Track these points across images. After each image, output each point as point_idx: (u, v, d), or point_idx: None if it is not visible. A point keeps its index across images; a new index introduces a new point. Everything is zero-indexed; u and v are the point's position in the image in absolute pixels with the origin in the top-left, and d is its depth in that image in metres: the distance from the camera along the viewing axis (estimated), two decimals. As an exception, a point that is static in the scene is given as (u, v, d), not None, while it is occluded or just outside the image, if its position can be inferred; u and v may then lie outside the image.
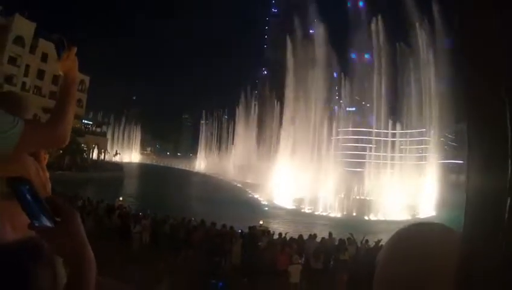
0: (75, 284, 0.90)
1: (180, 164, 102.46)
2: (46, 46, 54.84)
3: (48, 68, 57.17)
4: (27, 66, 55.86)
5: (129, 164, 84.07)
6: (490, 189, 0.62)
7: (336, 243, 13.88)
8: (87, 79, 62.93)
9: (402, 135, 55.96)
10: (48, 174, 2.07)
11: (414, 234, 1.04)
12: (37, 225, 0.92)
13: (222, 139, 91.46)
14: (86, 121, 67.59)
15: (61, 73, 1.83)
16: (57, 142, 1.73)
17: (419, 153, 52.70)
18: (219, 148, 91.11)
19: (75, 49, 1.84)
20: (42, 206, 0.92)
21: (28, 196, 0.91)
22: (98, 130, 71.73)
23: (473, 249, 0.66)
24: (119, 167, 63.66)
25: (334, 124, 54.27)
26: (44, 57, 56.70)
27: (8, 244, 1.14)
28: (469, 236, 0.68)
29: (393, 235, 1.06)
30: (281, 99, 59.95)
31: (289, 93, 56.08)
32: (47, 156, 2.15)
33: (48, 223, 0.91)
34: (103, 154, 69.10)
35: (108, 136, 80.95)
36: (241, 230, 14.68)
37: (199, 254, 11.37)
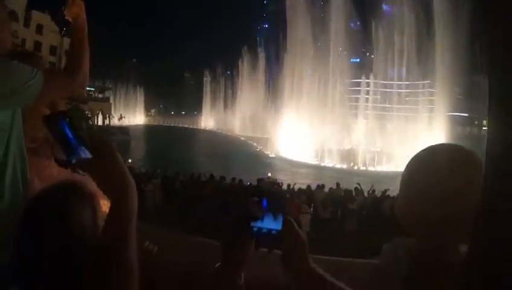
0: (119, 212, 0.91)
1: (186, 123, 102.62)
2: (39, 17, 53.53)
3: (44, 39, 55.96)
4: (23, 40, 53.81)
5: (135, 126, 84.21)
6: (507, 131, 0.65)
7: (343, 193, 14.10)
8: (85, 45, 61.45)
9: (408, 86, 55.20)
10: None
11: (440, 151, 1.07)
12: (74, 161, 0.92)
13: (226, 95, 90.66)
14: (88, 88, 66.92)
15: (69, 20, 1.83)
16: (77, 87, 1.76)
17: (426, 105, 52.17)
18: (224, 104, 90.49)
19: None
20: (81, 138, 0.92)
21: (67, 129, 0.92)
22: (101, 96, 71.40)
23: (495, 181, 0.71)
24: (125, 130, 63.63)
25: (339, 75, 53.49)
26: (39, 29, 55.50)
27: (47, 186, 1.18)
28: (491, 166, 0.72)
29: (418, 152, 1.09)
30: (284, 51, 58.87)
31: (291, 45, 54.99)
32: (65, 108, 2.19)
33: (87, 155, 0.92)
34: (108, 119, 69.17)
35: (112, 101, 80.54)
36: (250, 183, 14.92)
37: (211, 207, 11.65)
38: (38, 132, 1.99)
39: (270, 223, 0.90)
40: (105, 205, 1.12)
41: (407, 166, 1.07)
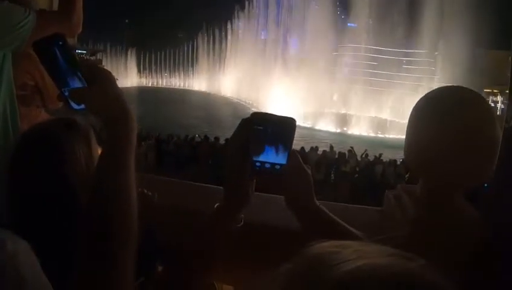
0: (120, 141, 0.84)
1: (179, 84, 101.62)
2: None
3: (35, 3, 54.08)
4: None
5: (128, 88, 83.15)
6: None
7: (337, 156, 14.23)
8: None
9: (407, 55, 54.66)
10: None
11: (450, 91, 1.05)
12: (67, 93, 0.84)
13: (221, 56, 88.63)
14: (79, 51, 65.03)
15: None
16: (73, 29, 1.70)
17: (425, 75, 51.90)
18: (218, 65, 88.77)
19: None
20: (76, 64, 0.83)
21: (60, 55, 0.81)
22: (93, 58, 69.77)
23: None
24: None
25: (336, 40, 52.93)
26: None
27: (43, 121, 1.14)
28: None
29: (427, 93, 1.06)
30: (278, 11, 57.94)
31: (287, 6, 54.05)
32: None
33: (83, 84, 0.83)
34: (100, 81, 68.02)
35: (104, 63, 78.91)
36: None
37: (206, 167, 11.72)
38: (28, 79, 1.93)
39: (274, 157, 0.82)
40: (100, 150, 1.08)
41: (416, 105, 1.05)
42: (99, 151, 1.07)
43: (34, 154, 1.02)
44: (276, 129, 0.82)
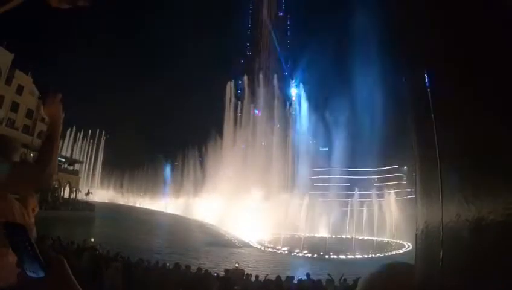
0: None
1: (154, 205, 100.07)
2: (22, 78, 54.12)
3: (22, 101, 55.91)
4: (1, 97, 53.81)
5: (101, 203, 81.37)
6: (429, 225, 0.69)
7: (313, 284, 13.72)
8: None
9: (376, 173, 56.91)
10: (33, 220, 2.07)
11: (380, 278, 1.11)
12: (29, 274, 0.97)
13: (197, 180, 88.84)
14: (58, 159, 65.00)
15: (45, 118, 1.94)
16: (45, 181, 1.87)
17: (394, 189, 53.54)
18: (194, 190, 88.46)
19: (59, 96, 1.93)
20: (37, 256, 0.97)
21: (25, 245, 0.96)
22: (71, 168, 69.77)
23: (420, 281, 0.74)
24: (91, 206, 61.60)
25: (309, 164, 55.04)
26: (19, 90, 55.67)
27: None
28: (418, 270, 0.76)
29: (364, 280, 1.13)
30: (252, 139, 60.35)
31: (260, 135, 56.90)
32: (37, 209, 2.14)
33: (39, 271, 0.97)
34: (75, 192, 66.97)
35: (81, 174, 78.76)
36: (217, 273, 14.30)
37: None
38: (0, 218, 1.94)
39: None
40: None
41: (362, 281, 1.11)
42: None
43: None
44: None
